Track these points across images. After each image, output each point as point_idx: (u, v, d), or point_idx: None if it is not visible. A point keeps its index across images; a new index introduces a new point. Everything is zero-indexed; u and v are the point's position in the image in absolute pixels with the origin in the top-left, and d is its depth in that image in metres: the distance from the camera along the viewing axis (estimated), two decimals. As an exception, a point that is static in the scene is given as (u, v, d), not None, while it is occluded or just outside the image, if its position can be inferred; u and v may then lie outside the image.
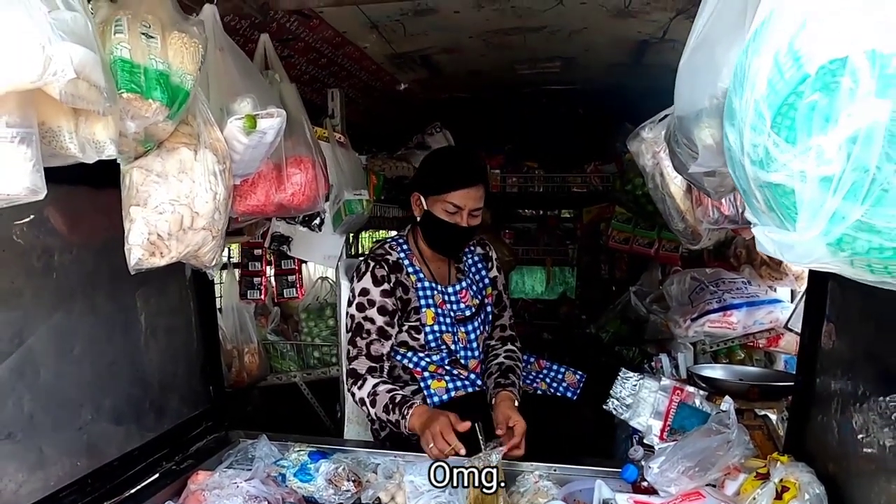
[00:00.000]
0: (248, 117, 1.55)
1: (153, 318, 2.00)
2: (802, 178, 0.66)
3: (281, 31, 2.36)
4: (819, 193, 0.65)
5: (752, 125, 0.71)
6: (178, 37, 1.35)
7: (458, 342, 2.33)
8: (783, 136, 0.68)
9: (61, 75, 0.95)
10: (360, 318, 2.24)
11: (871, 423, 1.36)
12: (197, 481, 1.82)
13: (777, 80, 0.68)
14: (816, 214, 0.66)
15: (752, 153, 0.73)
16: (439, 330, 2.30)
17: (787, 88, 0.67)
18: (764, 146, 0.70)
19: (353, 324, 2.26)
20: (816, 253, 0.69)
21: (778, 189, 0.70)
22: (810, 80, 0.65)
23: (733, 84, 0.78)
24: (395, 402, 2.07)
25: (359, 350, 2.22)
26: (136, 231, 1.37)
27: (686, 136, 1.12)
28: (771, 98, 0.68)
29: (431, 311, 2.30)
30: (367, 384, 2.16)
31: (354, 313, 2.26)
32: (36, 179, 1.00)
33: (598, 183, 4.64)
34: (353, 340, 2.25)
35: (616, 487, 1.78)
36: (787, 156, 0.67)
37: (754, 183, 0.74)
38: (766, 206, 0.74)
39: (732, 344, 3.02)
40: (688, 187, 1.92)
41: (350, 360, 2.24)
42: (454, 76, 3.37)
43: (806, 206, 0.67)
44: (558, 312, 5.41)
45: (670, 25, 2.51)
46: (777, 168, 0.69)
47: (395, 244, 2.41)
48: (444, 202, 2.23)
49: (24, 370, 1.53)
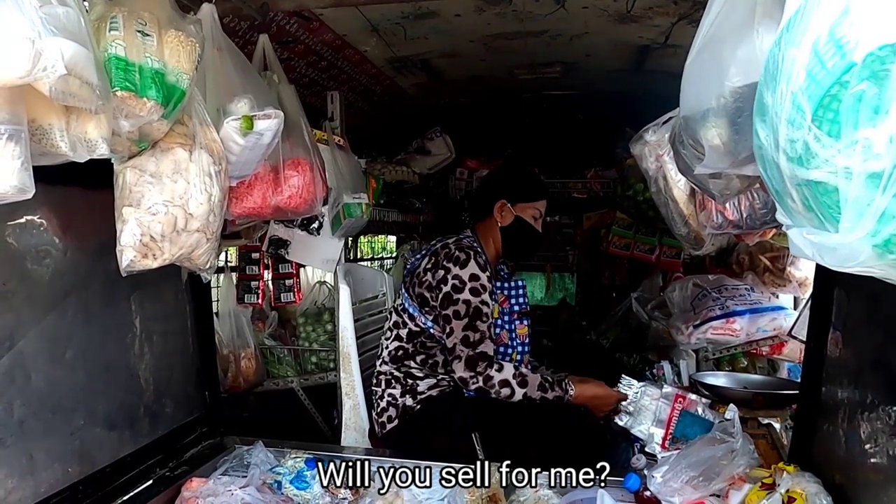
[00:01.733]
0: (245, 118, 1.53)
1: (148, 321, 1.97)
2: (847, 174, 0.62)
3: (281, 34, 2.35)
4: (866, 191, 0.61)
5: (788, 119, 0.67)
6: (175, 35, 1.33)
7: (515, 338, 2.44)
8: (825, 129, 0.63)
9: (51, 71, 0.93)
10: (476, 303, 2.25)
11: (878, 432, 1.34)
12: (191, 488, 1.79)
13: (818, 71, 0.63)
14: (862, 214, 0.61)
15: (788, 149, 0.68)
16: (500, 325, 2.40)
17: (831, 79, 0.62)
18: (803, 141, 0.65)
19: (470, 309, 2.24)
20: (861, 256, 0.64)
21: (818, 187, 0.66)
22: (856, 69, 0.60)
23: (764, 78, 0.73)
24: (550, 381, 2.23)
25: (482, 334, 2.24)
26: (129, 232, 1.34)
27: (692, 136, 1.09)
28: (811, 89, 0.64)
29: (497, 308, 2.40)
30: (508, 367, 2.22)
31: (469, 298, 2.25)
32: (24, 178, 0.97)
33: (599, 189, 4.63)
34: (472, 325, 2.23)
35: (619, 497, 1.74)
36: (830, 151, 0.63)
37: (790, 182, 0.70)
38: (804, 207, 0.70)
39: (735, 351, 2.99)
40: (691, 191, 1.90)
41: (473, 345, 2.22)
42: (454, 81, 3.35)
43: (851, 204, 0.62)
44: (558, 319, 5.38)
45: (672, 30, 2.49)
46: (818, 164, 0.64)
47: (472, 240, 2.47)
48: (532, 209, 2.46)
49: (15, 374, 1.50)
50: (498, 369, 2.20)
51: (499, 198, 2.50)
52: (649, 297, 3.78)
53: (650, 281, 4.00)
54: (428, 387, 2.33)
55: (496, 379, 2.19)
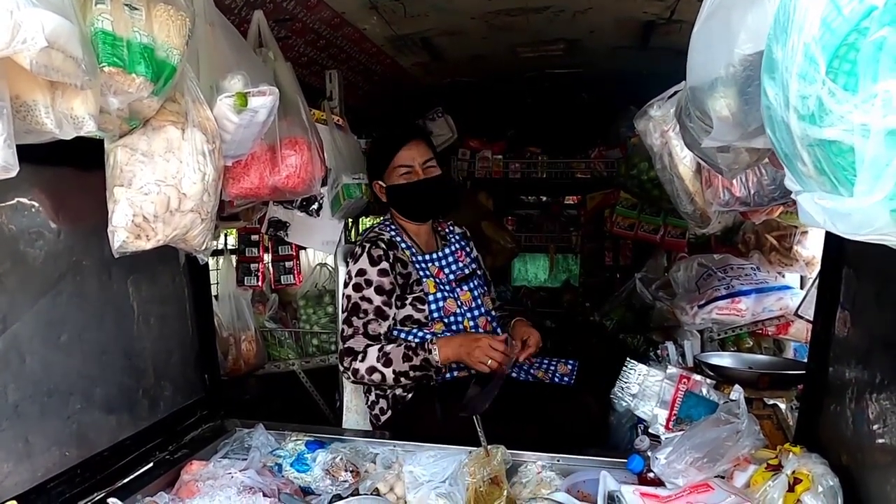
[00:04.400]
0: (238, 95, 1.49)
1: (146, 304, 1.95)
2: (865, 132, 0.56)
3: (277, 11, 2.29)
4: (885, 150, 0.55)
5: (800, 73, 0.61)
6: (164, 9, 1.29)
7: (462, 305, 2.37)
8: (841, 83, 0.58)
9: (31, 43, 0.90)
10: (356, 299, 2.25)
11: (887, 412, 1.32)
12: (191, 471, 1.78)
13: (834, 18, 0.58)
14: (881, 175, 0.56)
15: (799, 107, 0.62)
16: (442, 297, 2.33)
17: (848, 26, 0.57)
18: (816, 96, 0.60)
19: (350, 304, 2.26)
20: (878, 221, 0.58)
21: (832, 147, 0.60)
22: (877, 13, 0.55)
23: (774, 31, 0.68)
24: (413, 346, 2.13)
25: (355, 329, 2.22)
26: (120, 212, 1.31)
27: (699, 108, 1.05)
28: (826, 39, 0.59)
29: (432, 281, 2.35)
30: (371, 351, 2.17)
31: (351, 293, 2.27)
32: (7, 156, 0.94)
33: (603, 168, 4.58)
34: (348, 320, 2.25)
35: (621, 479, 1.73)
36: (847, 106, 0.57)
37: (801, 143, 0.64)
38: (816, 170, 0.64)
39: (740, 331, 2.96)
40: (697, 168, 1.86)
41: (345, 339, 2.24)
42: (455, 59, 3.30)
43: (868, 165, 0.57)
44: (561, 300, 5.36)
45: (678, 5, 2.44)
46: (832, 122, 0.59)
47: (384, 226, 2.47)
48: (395, 170, 2.37)
49: (9, 358, 1.49)
50: (362, 359, 2.17)
51: (371, 182, 2.56)
52: (653, 277, 3.75)
53: (654, 261, 3.97)
54: None
55: (362, 369, 2.17)
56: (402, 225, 2.48)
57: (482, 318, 2.42)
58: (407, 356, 2.11)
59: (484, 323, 2.41)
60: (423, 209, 2.47)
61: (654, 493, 1.63)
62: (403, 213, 2.45)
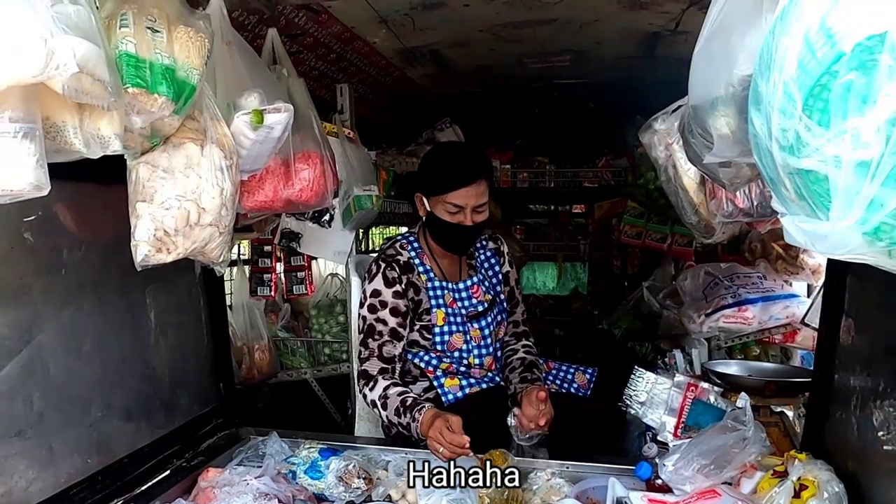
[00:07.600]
0: (255, 112, 1.54)
1: (163, 314, 1.99)
2: (837, 163, 0.62)
3: (289, 27, 2.35)
4: (855, 179, 0.61)
5: (780, 109, 0.68)
6: (185, 31, 1.34)
7: (469, 341, 2.29)
8: (815, 118, 0.64)
9: (64, 69, 0.94)
10: (371, 320, 2.22)
11: (892, 419, 1.33)
12: (207, 478, 1.82)
13: (808, 60, 0.64)
14: (852, 202, 0.62)
15: (780, 138, 0.69)
16: (449, 331, 2.27)
17: (820, 68, 0.63)
18: (794, 130, 0.66)
19: (365, 325, 2.23)
20: (852, 243, 0.65)
21: (809, 176, 0.67)
22: (845, 59, 0.61)
23: (759, 67, 0.74)
24: (406, 405, 2.01)
25: (370, 351, 2.20)
26: (143, 227, 1.36)
27: (701, 125, 1.09)
28: (802, 79, 0.65)
29: (442, 312, 2.28)
30: (378, 386, 2.12)
31: (366, 315, 2.23)
32: (40, 175, 0.99)
33: (610, 177, 4.60)
34: (364, 342, 2.23)
35: (630, 485, 1.75)
36: (820, 140, 0.63)
37: (783, 170, 0.70)
38: (797, 195, 0.70)
39: (747, 339, 2.97)
40: (701, 180, 1.89)
41: (361, 361, 2.22)
42: (463, 71, 3.35)
43: (840, 193, 0.63)
44: (570, 308, 5.38)
45: (683, 17, 2.47)
46: (809, 153, 0.65)
47: (405, 242, 2.38)
48: (444, 203, 2.17)
49: (34, 367, 1.53)
50: (371, 388, 2.14)
51: (415, 190, 2.34)
52: (661, 285, 3.76)
53: (662, 269, 3.98)
54: (423, 389, 2.28)
55: (368, 398, 2.15)
56: (430, 245, 2.36)
57: (488, 357, 2.32)
58: (398, 411, 2.03)
59: (490, 363, 2.33)
60: (457, 248, 2.34)
61: (662, 499, 1.65)
62: (435, 241, 2.33)
